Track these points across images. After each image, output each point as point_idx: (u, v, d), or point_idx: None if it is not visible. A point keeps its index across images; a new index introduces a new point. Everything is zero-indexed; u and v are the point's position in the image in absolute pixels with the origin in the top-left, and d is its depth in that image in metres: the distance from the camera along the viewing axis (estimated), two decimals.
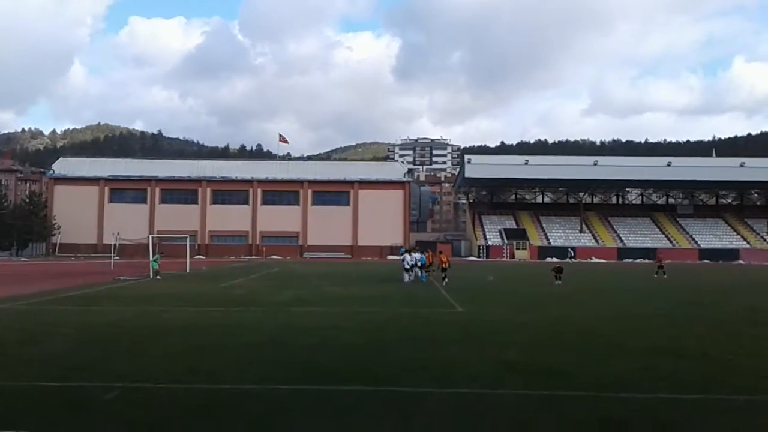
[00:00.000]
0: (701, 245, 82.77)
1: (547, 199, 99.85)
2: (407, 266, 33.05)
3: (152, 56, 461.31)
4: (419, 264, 34.23)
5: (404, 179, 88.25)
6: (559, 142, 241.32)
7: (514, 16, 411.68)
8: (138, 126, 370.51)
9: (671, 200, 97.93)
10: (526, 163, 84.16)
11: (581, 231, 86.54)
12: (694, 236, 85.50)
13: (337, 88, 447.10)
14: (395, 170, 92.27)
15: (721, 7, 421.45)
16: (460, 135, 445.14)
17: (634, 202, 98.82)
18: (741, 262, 74.14)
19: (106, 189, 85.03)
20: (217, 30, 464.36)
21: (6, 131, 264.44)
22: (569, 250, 79.51)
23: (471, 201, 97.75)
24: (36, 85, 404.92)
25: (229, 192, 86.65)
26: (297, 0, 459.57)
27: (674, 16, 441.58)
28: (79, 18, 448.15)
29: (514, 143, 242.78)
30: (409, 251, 37.83)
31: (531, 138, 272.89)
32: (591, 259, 74.99)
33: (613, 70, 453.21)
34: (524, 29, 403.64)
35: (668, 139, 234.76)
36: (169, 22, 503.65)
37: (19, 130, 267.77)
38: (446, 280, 30.24)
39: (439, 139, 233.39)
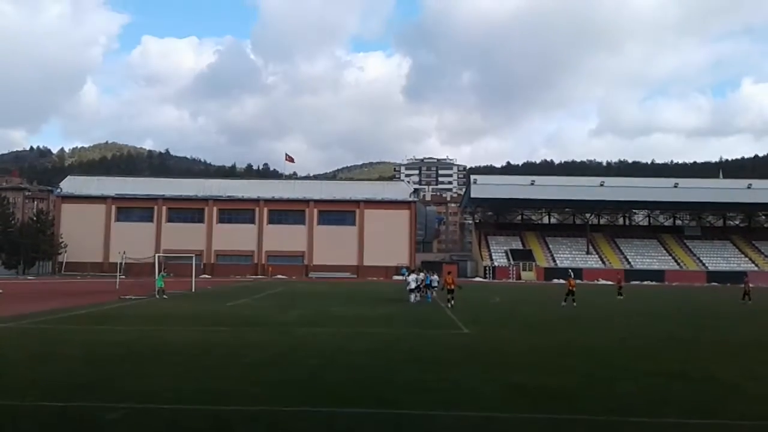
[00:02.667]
0: (709, 267, 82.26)
1: (553, 220, 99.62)
2: (412, 286, 33.01)
3: (164, 75, 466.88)
4: (424, 284, 34.17)
5: (410, 199, 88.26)
6: (565, 162, 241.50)
7: (524, 36, 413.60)
8: (148, 145, 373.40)
9: (678, 222, 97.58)
10: (532, 184, 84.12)
11: (588, 252, 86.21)
12: (701, 258, 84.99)
13: (346, 107, 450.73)
14: (401, 190, 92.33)
15: (731, 28, 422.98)
16: (468, 155, 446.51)
17: (641, 223, 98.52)
18: (750, 285, 73.48)
19: (113, 208, 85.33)
20: (230, 49, 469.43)
21: (14, 149, 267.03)
22: (569, 271, 78.89)
23: (477, 221, 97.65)
24: (48, 104, 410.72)
25: (236, 211, 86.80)
26: (309, 20, 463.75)
27: (683, 38, 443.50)
28: (92, 37, 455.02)
29: (521, 164, 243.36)
30: (412, 272, 37.87)
31: (538, 158, 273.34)
32: (597, 281, 74.62)
33: (622, 91, 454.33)
34: (534, 50, 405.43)
35: (675, 160, 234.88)
36: (181, 41, 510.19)
37: (27, 149, 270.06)
38: (452, 302, 29.71)
39: (445, 159, 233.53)
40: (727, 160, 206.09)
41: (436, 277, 36.52)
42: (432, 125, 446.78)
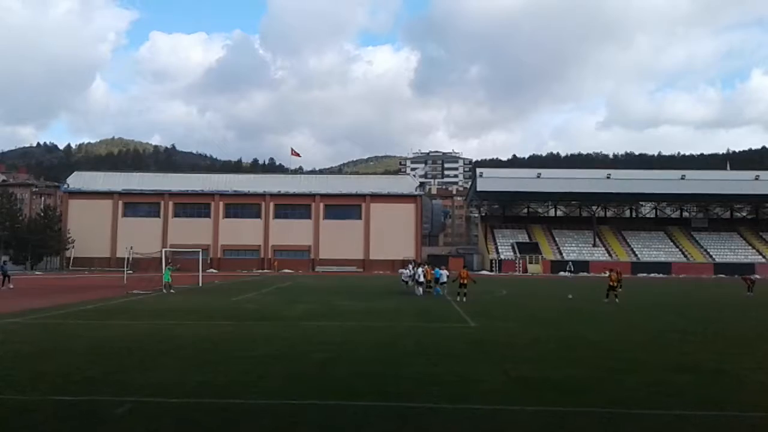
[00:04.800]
0: (716, 259, 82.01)
1: (559, 213, 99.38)
2: (421, 279, 33.09)
3: (172, 71, 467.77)
4: (433, 278, 34.00)
5: (416, 193, 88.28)
6: (571, 155, 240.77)
7: (533, 29, 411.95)
8: (155, 140, 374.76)
9: (685, 214, 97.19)
10: (538, 177, 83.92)
11: (594, 245, 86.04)
12: (708, 250, 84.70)
13: (354, 102, 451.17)
14: (407, 184, 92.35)
15: (741, 19, 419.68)
16: (476, 149, 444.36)
17: (647, 215, 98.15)
18: (757, 276, 73.17)
19: (120, 203, 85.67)
20: (238, 44, 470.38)
21: (22, 145, 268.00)
22: (569, 263, 79.07)
23: (483, 214, 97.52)
24: (57, 100, 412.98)
25: (242, 206, 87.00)
26: (318, 14, 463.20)
27: (693, 29, 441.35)
28: (101, 34, 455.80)
29: (527, 156, 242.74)
30: (419, 265, 37.82)
31: (545, 151, 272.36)
32: (605, 272, 74.39)
33: (631, 83, 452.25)
34: (543, 43, 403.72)
35: (682, 152, 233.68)
36: (189, 37, 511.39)
37: (35, 145, 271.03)
38: (464, 297, 29.17)
39: (450, 153, 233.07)
40: (734, 151, 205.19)
41: (445, 271, 35.65)
42: (440, 119, 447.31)
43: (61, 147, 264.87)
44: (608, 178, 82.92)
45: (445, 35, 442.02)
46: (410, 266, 37.76)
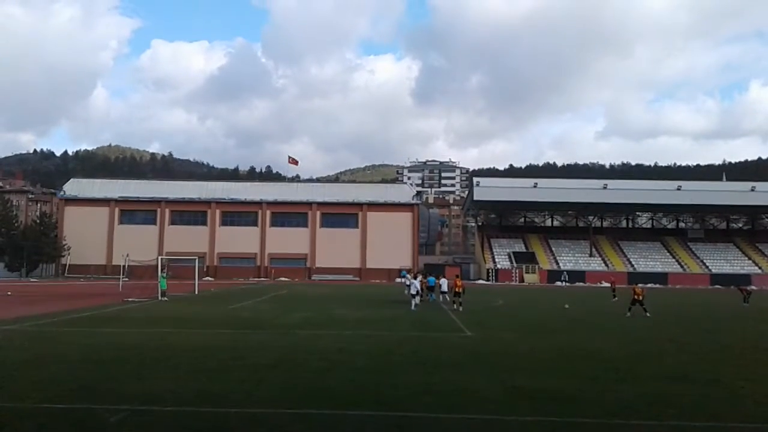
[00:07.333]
0: (712, 270, 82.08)
1: (556, 223, 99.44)
2: (413, 292, 32.93)
3: (173, 79, 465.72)
4: (424, 287, 33.91)
5: (413, 201, 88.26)
6: (568, 165, 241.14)
7: (534, 40, 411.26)
8: (155, 148, 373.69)
9: (681, 224, 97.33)
10: (535, 186, 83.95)
11: (591, 255, 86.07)
12: (705, 261, 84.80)
13: (355, 110, 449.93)
14: (404, 192, 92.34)
15: (740, 32, 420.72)
16: (475, 158, 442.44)
17: (644, 226, 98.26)
18: (753, 287, 73.26)
19: (116, 210, 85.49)
20: (240, 52, 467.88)
21: (18, 152, 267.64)
22: (564, 273, 79.18)
23: (480, 224, 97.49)
24: (58, 107, 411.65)
25: (238, 214, 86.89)
26: (320, 23, 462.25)
27: (693, 41, 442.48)
28: (103, 42, 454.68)
29: (524, 166, 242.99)
30: (416, 275, 37.73)
31: (542, 161, 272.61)
32: (601, 283, 74.47)
33: (630, 93, 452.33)
34: (543, 53, 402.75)
35: (678, 163, 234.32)
36: (191, 45, 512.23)
37: (31, 151, 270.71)
38: (460, 306, 29.17)
39: (447, 162, 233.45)
40: (730, 162, 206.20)
41: (444, 280, 35.37)
42: (440, 128, 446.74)
43: (58, 153, 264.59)
44: (605, 188, 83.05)
45: (447, 45, 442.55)
46: (409, 276, 37.61)
